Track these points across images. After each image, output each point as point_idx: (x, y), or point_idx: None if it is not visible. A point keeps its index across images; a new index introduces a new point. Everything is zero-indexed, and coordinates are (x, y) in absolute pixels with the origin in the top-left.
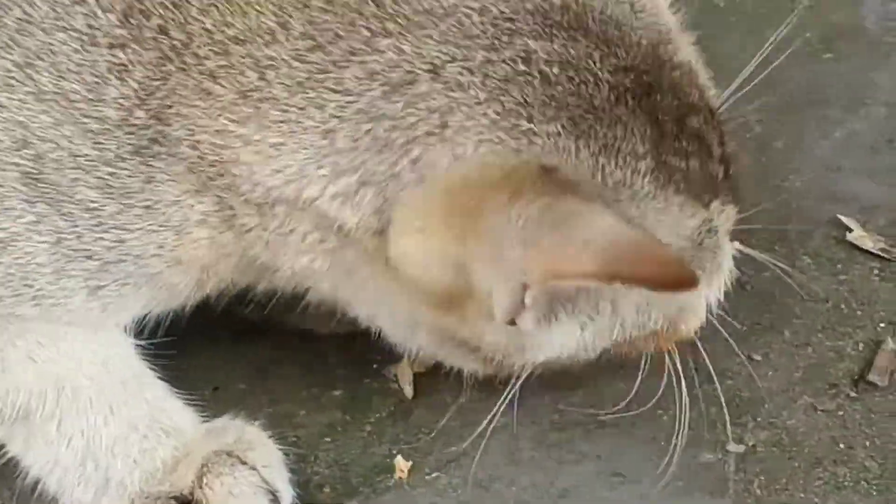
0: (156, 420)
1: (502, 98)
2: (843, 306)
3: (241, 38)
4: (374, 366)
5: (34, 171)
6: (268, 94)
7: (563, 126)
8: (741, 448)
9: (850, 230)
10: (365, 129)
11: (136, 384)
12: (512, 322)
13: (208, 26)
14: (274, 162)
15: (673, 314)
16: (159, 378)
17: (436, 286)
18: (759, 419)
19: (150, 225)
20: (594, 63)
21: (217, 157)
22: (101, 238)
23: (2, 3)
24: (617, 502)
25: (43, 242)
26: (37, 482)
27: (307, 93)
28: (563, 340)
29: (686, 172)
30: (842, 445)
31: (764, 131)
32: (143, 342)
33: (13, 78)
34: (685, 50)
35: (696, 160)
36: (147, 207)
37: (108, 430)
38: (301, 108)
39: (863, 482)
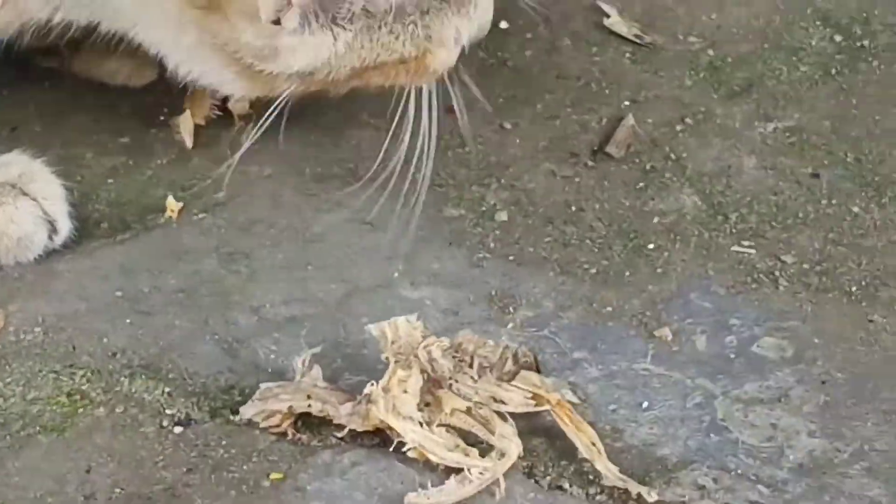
0: None
1: None
2: (592, 85)
3: None
4: (161, 118)
5: None
6: None
7: None
8: (482, 206)
9: (608, 16)
10: None
11: None
12: (276, 21)
13: None
14: None
15: (421, 41)
16: None
17: None
18: (502, 181)
19: None
20: None
21: None
22: None
23: None
24: (364, 247)
25: None
26: None
27: None
28: (317, 48)
29: None
30: (573, 208)
31: None
32: None
33: None
34: None
35: None
36: None
37: None
38: None
39: (587, 240)
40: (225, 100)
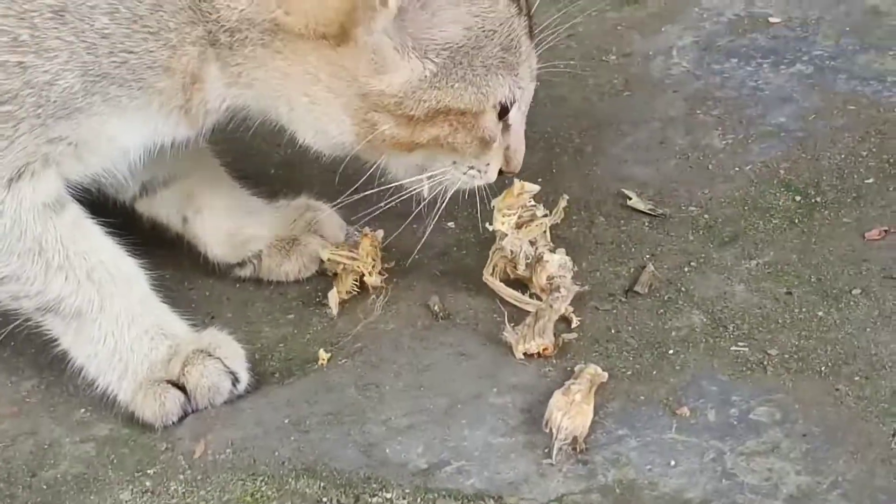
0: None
1: None
2: (622, 246)
3: None
4: (317, 299)
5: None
6: None
7: None
8: (572, 335)
9: (630, 198)
10: None
11: (149, 302)
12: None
13: None
14: None
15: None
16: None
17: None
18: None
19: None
20: None
21: None
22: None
23: None
24: (461, 372)
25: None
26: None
27: None
28: (411, 71)
29: None
30: (613, 331)
31: (580, 142)
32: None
33: None
34: None
35: None
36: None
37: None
38: None
39: (624, 352)
40: (362, 277)
